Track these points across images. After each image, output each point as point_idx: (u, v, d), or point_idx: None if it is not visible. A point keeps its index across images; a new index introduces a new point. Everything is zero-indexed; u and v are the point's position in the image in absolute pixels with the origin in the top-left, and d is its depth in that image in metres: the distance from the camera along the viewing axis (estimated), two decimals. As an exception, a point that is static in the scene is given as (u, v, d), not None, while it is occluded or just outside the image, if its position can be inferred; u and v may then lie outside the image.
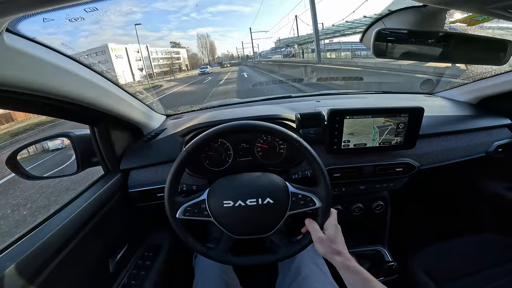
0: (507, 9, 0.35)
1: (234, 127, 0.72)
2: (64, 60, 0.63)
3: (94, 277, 0.82)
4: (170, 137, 1.05)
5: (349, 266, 0.61)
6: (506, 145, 1.17)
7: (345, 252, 0.64)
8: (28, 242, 0.62)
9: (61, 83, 0.62)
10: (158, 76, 47.83)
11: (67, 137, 0.93)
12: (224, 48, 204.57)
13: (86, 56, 0.81)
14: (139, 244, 1.08)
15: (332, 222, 0.69)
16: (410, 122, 0.92)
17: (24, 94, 0.55)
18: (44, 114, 0.73)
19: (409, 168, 1.03)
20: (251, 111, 1.14)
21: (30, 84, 0.54)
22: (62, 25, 0.52)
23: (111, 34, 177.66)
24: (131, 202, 0.97)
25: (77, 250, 0.71)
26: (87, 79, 0.71)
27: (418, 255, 1.08)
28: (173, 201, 0.70)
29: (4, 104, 0.57)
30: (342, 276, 0.62)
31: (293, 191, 0.71)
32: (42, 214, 2.92)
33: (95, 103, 0.75)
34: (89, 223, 0.78)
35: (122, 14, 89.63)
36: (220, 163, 1.01)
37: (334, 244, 0.65)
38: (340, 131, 0.92)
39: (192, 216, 0.70)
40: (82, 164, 0.93)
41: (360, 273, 0.59)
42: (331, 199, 0.70)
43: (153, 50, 63.74)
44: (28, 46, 0.52)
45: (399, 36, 0.53)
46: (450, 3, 0.35)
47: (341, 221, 1.05)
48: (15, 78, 0.50)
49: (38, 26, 0.42)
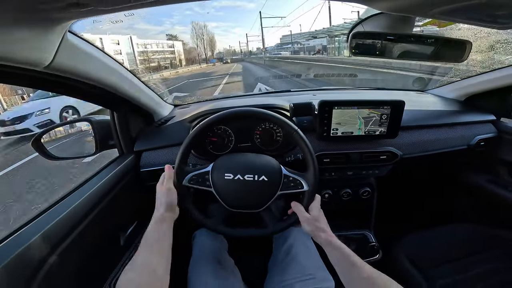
0: (448, 12, 0.45)
1: (239, 112, 0.82)
2: (100, 52, 0.76)
3: (107, 249, 0.91)
4: (179, 123, 1.16)
5: (331, 241, 0.67)
6: (488, 139, 1.23)
7: (328, 230, 0.71)
8: (50, 216, 0.69)
9: (100, 71, 0.75)
10: (144, 73, 37.30)
11: (88, 121, 1.04)
12: (226, 44, 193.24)
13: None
14: (147, 222, 1.19)
15: (316, 205, 0.77)
16: (392, 113, 1.02)
17: (73, 80, 0.68)
18: (81, 98, 0.85)
19: (392, 156, 1.12)
20: (252, 101, 1.24)
21: (81, 73, 0.67)
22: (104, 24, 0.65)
23: (109, 27, 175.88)
24: (142, 181, 1.07)
25: (93, 224, 0.79)
26: (116, 69, 0.84)
27: (402, 242, 1.14)
28: (182, 169, 0.79)
29: (56, 88, 0.71)
30: (326, 251, 0.68)
31: (286, 174, 0.80)
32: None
33: (118, 89, 0.87)
34: (105, 199, 0.86)
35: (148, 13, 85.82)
36: (223, 147, 1.09)
37: (318, 223, 0.72)
38: (329, 120, 1.02)
39: (195, 185, 0.79)
40: (100, 146, 1.04)
41: (341, 248, 0.65)
42: (317, 184, 0.79)
43: (140, 43, 52.98)
44: (80, 43, 0.65)
45: (371, 37, 0.64)
46: (399, 10, 0.45)
47: (330, 205, 1.15)
48: (72, 67, 0.63)
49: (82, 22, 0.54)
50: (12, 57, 0.45)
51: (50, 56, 0.54)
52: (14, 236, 0.61)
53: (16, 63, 0.47)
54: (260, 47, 65.53)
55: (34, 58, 0.50)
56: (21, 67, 0.50)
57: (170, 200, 0.73)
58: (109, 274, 0.91)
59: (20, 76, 0.56)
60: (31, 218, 0.68)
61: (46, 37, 0.49)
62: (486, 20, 0.47)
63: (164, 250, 0.65)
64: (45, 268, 0.62)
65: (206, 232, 1.02)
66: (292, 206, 0.78)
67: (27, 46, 0.46)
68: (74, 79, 0.68)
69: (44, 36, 0.48)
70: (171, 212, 0.72)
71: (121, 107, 1.00)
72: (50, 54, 0.53)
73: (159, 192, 0.75)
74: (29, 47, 0.47)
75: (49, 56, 0.53)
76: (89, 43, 0.69)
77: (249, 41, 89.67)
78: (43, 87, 0.69)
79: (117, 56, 13.84)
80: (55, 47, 0.54)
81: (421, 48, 0.65)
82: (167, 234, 0.68)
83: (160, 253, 0.63)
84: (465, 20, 0.50)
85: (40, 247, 0.61)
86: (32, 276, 0.59)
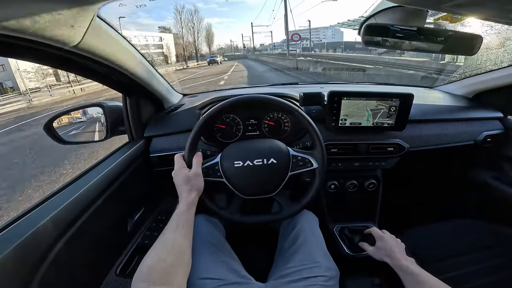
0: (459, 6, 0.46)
1: (245, 99, 0.84)
2: (122, 38, 0.78)
3: (114, 235, 0.93)
4: (188, 110, 1.18)
5: (401, 266, 0.73)
6: (495, 135, 1.24)
7: (397, 256, 0.77)
8: (59, 200, 0.69)
9: (121, 56, 0.78)
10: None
11: (100, 106, 1.06)
12: (227, 39, 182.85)
13: None
14: (154, 208, 1.21)
15: (379, 235, 0.90)
16: (401, 106, 1.03)
17: (95, 62, 0.70)
18: (99, 81, 0.87)
19: (399, 149, 1.13)
20: (261, 91, 1.26)
21: (105, 55, 0.70)
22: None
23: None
24: (151, 166, 1.10)
25: (101, 209, 0.80)
26: (135, 55, 0.86)
27: (405, 235, 1.12)
28: (191, 162, 0.79)
29: (78, 69, 0.73)
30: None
31: (294, 154, 0.82)
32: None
33: (135, 74, 0.88)
34: (114, 184, 0.88)
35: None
36: (231, 136, 1.11)
37: (384, 251, 0.83)
38: (338, 110, 1.03)
39: (207, 177, 0.79)
40: (110, 131, 1.06)
41: (414, 275, 0.69)
42: (326, 161, 0.81)
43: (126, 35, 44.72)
44: (106, 27, 0.68)
45: (384, 30, 0.65)
46: (413, 3, 0.46)
47: (336, 196, 1.15)
48: (98, 48, 0.66)
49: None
50: (43, 34, 0.47)
51: (79, 36, 0.56)
52: (23, 219, 0.62)
53: (48, 40, 0.49)
54: (265, 43, 51.68)
55: (64, 37, 0.52)
56: (50, 44, 0.51)
57: (201, 186, 0.76)
58: (116, 260, 0.93)
59: (48, 54, 0.58)
60: (40, 202, 0.69)
61: (77, 17, 0.51)
62: (499, 15, 0.48)
63: (191, 234, 0.68)
64: (54, 252, 0.63)
65: (203, 218, 0.98)
66: (360, 245, 0.95)
67: (61, 24, 0.48)
68: (97, 60, 0.70)
69: (76, 16, 0.51)
70: (198, 197, 0.75)
71: (134, 92, 1.02)
72: (80, 33, 0.55)
73: (185, 177, 0.75)
74: (62, 25, 0.49)
75: (78, 36, 0.55)
76: (113, 28, 0.72)
77: (256, 33, 76.25)
78: (67, 68, 0.71)
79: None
80: (85, 27, 0.56)
81: (432, 41, 0.66)
82: (193, 218, 0.72)
83: (189, 236, 0.67)
84: (478, 14, 0.51)
85: (48, 231, 0.62)
86: (41, 259, 0.60)
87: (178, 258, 0.60)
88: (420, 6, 0.50)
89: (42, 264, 0.60)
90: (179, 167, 0.78)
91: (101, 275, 0.86)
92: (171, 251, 0.60)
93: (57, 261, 0.63)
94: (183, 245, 0.63)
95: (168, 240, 0.62)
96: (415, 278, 0.67)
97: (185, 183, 0.74)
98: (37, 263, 0.59)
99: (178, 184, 0.75)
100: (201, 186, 0.76)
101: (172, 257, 0.58)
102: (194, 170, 0.77)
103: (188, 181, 0.74)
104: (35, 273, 0.59)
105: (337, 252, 1.11)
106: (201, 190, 0.76)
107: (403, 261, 0.73)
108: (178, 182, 0.75)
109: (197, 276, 0.70)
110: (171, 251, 0.60)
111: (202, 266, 0.74)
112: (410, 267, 0.70)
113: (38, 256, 0.60)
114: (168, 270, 0.56)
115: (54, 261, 0.63)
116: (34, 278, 0.58)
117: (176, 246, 0.62)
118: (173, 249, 0.60)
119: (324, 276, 0.74)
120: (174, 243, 0.62)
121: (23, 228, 0.59)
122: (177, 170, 0.77)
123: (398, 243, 0.83)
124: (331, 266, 0.81)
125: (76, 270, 0.73)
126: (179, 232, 0.65)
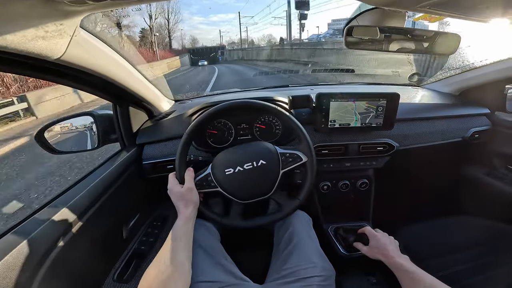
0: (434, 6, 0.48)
1: (233, 104, 0.85)
2: (108, 47, 0.78)
3: (110, 242, 0.93)
4: (179, 117, 1.18)
5: (394, 264, 0.73)
6: (483, 131, 1.26)
7: (391, 254, 0.77)
8: (53, 208, 0.70)
9: (108, 65, 0.78)
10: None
11: (91, 115, 1.03)
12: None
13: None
14: (149, 214, 1.20)
15: (373, 235, 0.86)
16: (388, 105, 1.05)
17: (81, 73, 0.70)
18: (88, 91, 0.86)
19: (389, 148, 1.15)
20: (252, 95, 1.26)
21: (91, 65, 0.70)
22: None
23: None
24: (144, 173, 1.09)
25: (96, 216, 0.80)
26: (122, 64, 0.86)
27: (400, 233, 1.12)
28: (183, 178, 0.80)
29: (65, 79, 0.73)
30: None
31: (281, 151, 0.84)
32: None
33: (123, 83, 0.88)
34: (108, 191, 0.88)
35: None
36: (223, 140, 1.11)
37: (377, 250, 0.82)
38: (327, 112, 1.05)
39: (202, 189, 0.81)
40: (102, 140, 1.04)
41: (409, 272, 0.69)
42: (314, 153, 0.83)
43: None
44: (90, 37, 0.67)
45: (364, 31, 0.67)
46: (390, 4, 0.48)
47: (329, 197, 1.16)
48: (82, 60, 0.66)
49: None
50: (26, 48, 0.47)
51: (62, 49, 0.56)
52: (19, 226, 0.63)
53: (29, 53, 0.49)
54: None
55: (47, 50, 0.52)
56: (33, 57, 0.51)
57: (196, 199, 0.78)
58: (113, 266, 0.93)
59: (32, 67, 0.59)
60: (36, 210, 0.69)
61: (59, 30, 0.52)
62: (471, 13, 0.50)
63: (191, 246, 0.70)
64: (50, 258, 0.63)
65: (197, 223, 0.93)
66: (354, 245, 0.92)
67: (42, 38, 0.49)
68: (83, 71, 0.70)
69: (58, 28, 0.51)
70: (195, 210, 0.77)
71: (124, 101, 1.02)
72: (63, 46, 0.56)
73: (179, 194, 0.77)
74: (43, 38, 0.49)
75: (61, 49, 0.56)
76: (98, 38, 0.72)
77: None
78: (53, 79, 0.70)
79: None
80: (68, 40, 0.56)
81: (413, 41, 0.68)
82: (192, 231, 0.73)
83: (188, 249, 0.68)
84: (453, 13, 0.53)
85: (43, 239, 0.63)
86: (38, 266, 0.61)
87: (178, 270, 0.61)
88: (397, 8, 0.52)
89: (39, 271, 0.61)
90: (172, 185, 0.80)
91: (99, 281, 0.87)
92: (170, 264, 0.61)
93: (54, 268, 0.64)
94: (182, 257, 0.65)
95: (167, 253, 0.64)
96: (410, 276, 0.67)
97: (180, 199, 0.76)
98: (34, 270, 0.60)
99: (174, 201, 0.78)
100: (196, 199, 0.78)
101: (171, 270, 0.60)
102: (187, 185, 0.78)
103: (183, 197, 0.76)
104: (32, 279, 0.59)
105: (332, 252, 1.12)
106: (197, 203, 0.78)
107: (397, 258, 0.73)
108: (174, 199, 0.78)
109: (194, 280, 0.71)
110: (171, 263, 0.62)
111: (198, 270, 0.74)
112: (404, 264, 0.71)
113: (35, 263, 0.60)
114: (167, 282, 0.58)
115: (51, 268, 0.63)
116: (32, 285, 0.59)
117: (175, 258, 0.63)
118: (173, 262, 0.62)
119: (320, 276, 0.75)
120: (173, 255, 0.63)
121: (20, 236, 0.59)
122: (170, 189, 0.79)
123: (392, 241, 0.84)
124: (327, 266, 0.81)
125: (73, 277, 0.73)
126: (177, 244, 0.66)
